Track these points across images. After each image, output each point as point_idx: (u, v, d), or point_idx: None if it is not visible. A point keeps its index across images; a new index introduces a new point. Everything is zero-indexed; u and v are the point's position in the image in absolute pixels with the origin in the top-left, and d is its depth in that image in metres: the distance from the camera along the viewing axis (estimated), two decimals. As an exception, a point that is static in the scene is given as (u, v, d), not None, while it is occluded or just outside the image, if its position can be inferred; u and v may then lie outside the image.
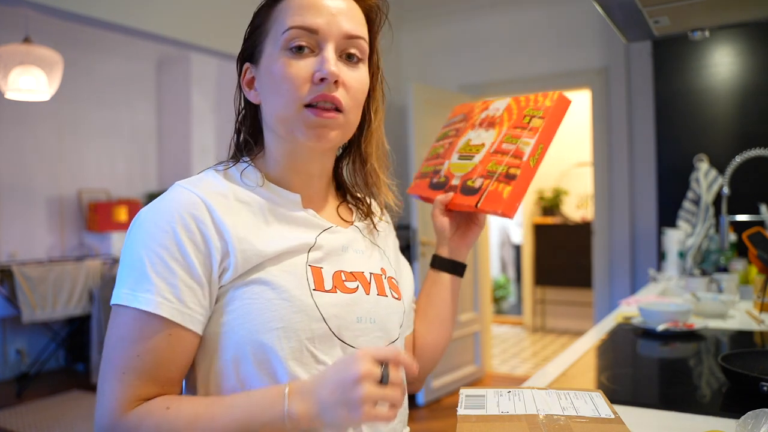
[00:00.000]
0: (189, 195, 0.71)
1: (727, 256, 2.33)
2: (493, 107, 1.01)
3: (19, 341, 4.39)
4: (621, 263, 3.65)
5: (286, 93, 0.72)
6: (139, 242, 0.68)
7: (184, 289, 0.67)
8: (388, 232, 0.94)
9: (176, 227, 0.68)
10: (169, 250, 0.67)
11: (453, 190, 0.96)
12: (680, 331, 1.47)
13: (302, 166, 0.80)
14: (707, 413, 0.90)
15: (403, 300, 0.86)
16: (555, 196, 5.62)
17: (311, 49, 0.73)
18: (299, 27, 0.72)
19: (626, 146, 3.60)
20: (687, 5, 1.38)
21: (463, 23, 4.15)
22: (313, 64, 0.72)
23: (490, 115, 1.01)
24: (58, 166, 4.70)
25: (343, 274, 0.77)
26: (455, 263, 0.96)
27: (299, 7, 0.73)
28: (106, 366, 0.67)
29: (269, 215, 0.75)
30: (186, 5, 2.89)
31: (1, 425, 3.35)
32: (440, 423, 3.34)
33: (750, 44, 2.86)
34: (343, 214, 0.86)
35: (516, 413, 0.71)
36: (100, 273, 4.24)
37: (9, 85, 3.20)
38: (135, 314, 0.66)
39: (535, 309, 5.78)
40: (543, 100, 0.92)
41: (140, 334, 0.66)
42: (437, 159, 1.07)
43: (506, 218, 0.85)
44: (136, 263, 0.68)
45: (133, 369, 0.66)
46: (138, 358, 0.66)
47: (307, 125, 0.73)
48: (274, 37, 0.74)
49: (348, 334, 0.75)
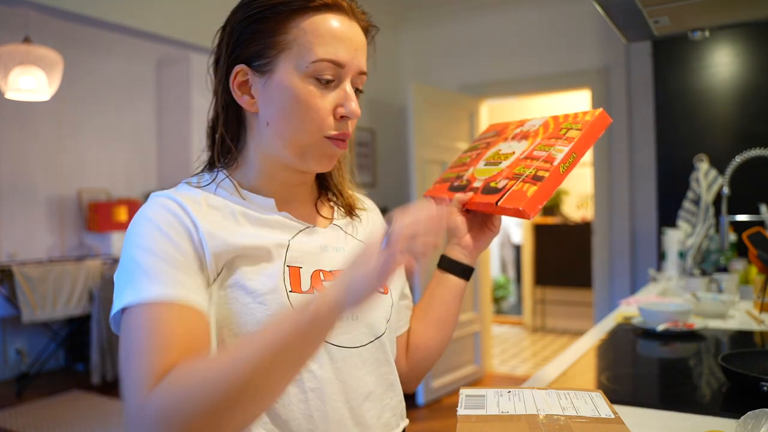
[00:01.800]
0: (164, 199, 0.72)
1: (727, 256, 2.33)
2: (529, 124, 1.00)
3: (19, 341, 4.39)
4: (621, 263, 3.65)
5: (310, 122, 0.73)
6: (128, 250, 0.69)
7: (185, 274, 0.67)
8: (372, 225, 0.93)
9: (164, 227, 0.69)
10: (163, 247, 0.68)
11: (474, 191, 0.93)
12: (680, 331, 1.47)
13: (286, 178, 0.80)
14: (707, 413, 0.90)
15: (390, 293, 0.85)
16: (555, 196, 5.63)
17: (333, 80, 0.74)
18: (332, 61, 0.73)
19: (626, 146, 3.60)
20: (687, 5, 1.38)
21: (463, 23, 4.15)
22: (336, 98, 0.74)
23: (524, 130, 0.99)
24: (58, 166, 4.70)
25: (322, 274, 0.77)
26: (463, 266, 0.94)
27: (330, 37, 0.73)
28: (128, 367, 0.63)
29: (241, 218, 0.75)
30: (186, 5, 2.89)
31: (1, 425, 3.35)
32: (440, 423, 3.34)
33: (750, 44, 2.86)
34: (323, 212, 0.86)
35: (516, 413, 0.71)
36: (100, 273, 4.24)
37: (9, 85, 3.20)
38: (145, 310, 0.64)
39: (535, 309, 5.78)
40: (583, 116, 0.90)
41: (154, 325, 0.63)
42: (462, 166, 1.05)
43: (524, 218, 0.82)
44: (129, 267, 0.68)
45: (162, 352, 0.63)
46: (158, 349, 0.62)
47: (324, 155, 0.76)
48: (296, 58, 0.72)
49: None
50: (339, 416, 0.74)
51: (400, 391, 0.85)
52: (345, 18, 0.75)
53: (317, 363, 0.73)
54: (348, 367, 0.76)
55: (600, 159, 3.70)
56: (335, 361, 0.75)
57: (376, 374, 0.80)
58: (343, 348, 0.76)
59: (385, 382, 0.81)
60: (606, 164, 3.68)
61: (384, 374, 0.81)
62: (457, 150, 3.90)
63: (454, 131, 3.91)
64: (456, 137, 3.92)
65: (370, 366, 0.79)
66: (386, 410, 0.80)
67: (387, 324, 0.83)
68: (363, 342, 0.78)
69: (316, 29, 0.72)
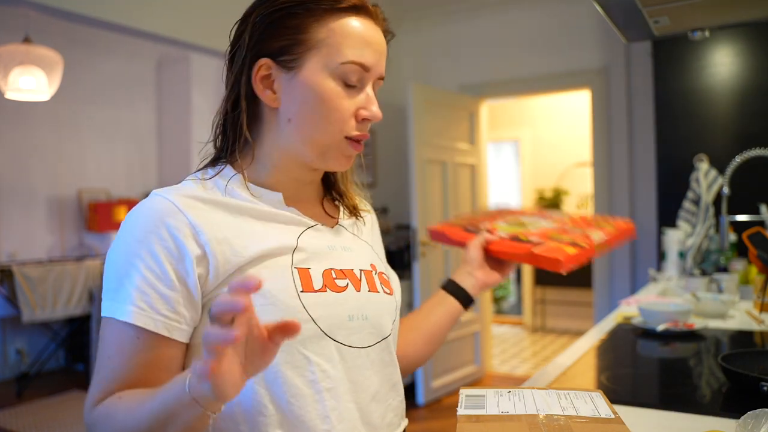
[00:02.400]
0: (162, 202, 0.70)
1: (727, 256, 2.33)
2: (548, 213, 1.10)
3: (19, 341, 4.39)
4: (621, 263, 3.65)
5: (334, 122, 0.74)
6: (116, 252, 0.70)
7: (157, 297, 0.67)
8: (374, 228, 0.95)
9: (149, 236, 0.69)
10: (144, 260, 0.68)
11: (499, 238, 1.00)
12: (680, 331, 1.47)
13: (298, 175, 0.80)
14: (707, 413, 0.90)
15: (394, 295, 0.86)
16: (555, 196, 5.63)
17: (358, 83, 0.75)
18: (360, 64, 0.74)
19: (626, 146, 3.60)
20: (687, 5, 1.38)
21: (463, 23, 4.15)
22: (359, 100, 0.75)
23: (544, 213, 1.10)
24: (58, 166, 4.70)
25: (334, 272, 0.77)
26: (467, 294, 0.98)
27: (360, 41, 0.74)
28: (95, 374, 0.70)
29: (249, 215, 0.74)
30: (186, 5, 2.89)
31: (1, 425, 3.36)
32: (440, 423, 3.34)
33: (750, 44, 2.86)
34: (329, 210, 0.86)
35: (516, 413, 0.71)
36: (100, 273, 4.24)
37: (9, 85, 3.20)
38: (115, 325, 0.68)
39: (535, 309, 5.78)
40: (613, 219, 0.98)
41: (121, 346, 0.68)
42: (472, 220, 1.12)
43: (556, 270, 0.88)
44: (114, 273, 0.70)
45: (115, 379, 0.68)
46: (121, 368, 0.68)
47: (344, 154, 0.77)
48: (325, 58, 0.73)
49: (341, 332, 0.75)
50: (351, 416, 0.74)
51: (401, 391, 0.85)
52: (371, 22, 0.76)
53: (330, 363, 0.73)
54: (357, 367, 0.76)
55: (600, 159, 3.70)
56: (345, 361, 0.75)
57: (382, 374, 0.80)
58: (353, 348, 0.76)
59: (389, 382, 0.81)
60: (606, 164, 3.68)
61: (389, 374, 0.81)
62: (457, 150, 3.90)
63: (454, 131, 3.91)
64: (456, 137, 3.92)
65: (377, 366, 0.79)
66: (390, 410, 0.81)
67: (393, 325, 0.83)
68: (371, 342, 0.78)
69: (346, 31, 0.73)
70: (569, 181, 5.66)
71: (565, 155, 5.58)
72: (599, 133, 3.70)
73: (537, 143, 5.81)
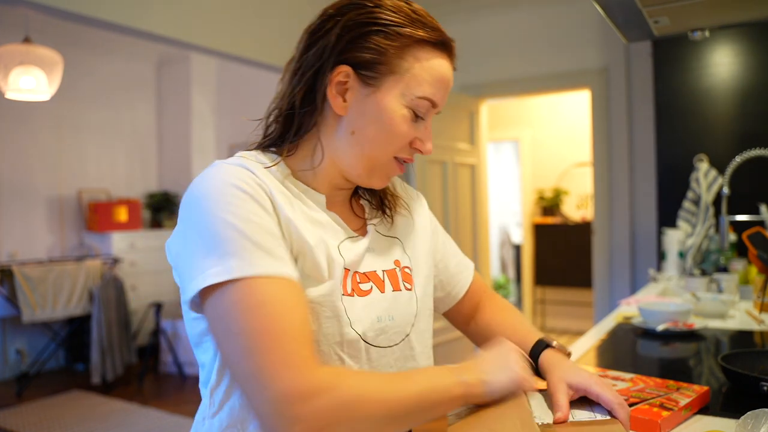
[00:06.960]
0: (239, 169, 0.70)
1: (727, 256, 2.33)
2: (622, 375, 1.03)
3: (19, 341, 4.39)
4: (621, 263, 3.65)
5: (393, 145, 0.77)
6: (211, 216, 0.64)
7: (276, 244, 0.66)
8: (414, 214, 0.92)
9: (248, 190, 0.67)
10: (252, 211, 0.66)
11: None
12: (680, 331, 1.47)
13: (338, 182, 0.81)
14: (707, 413, 0.90)
15: (414, 289, 0.85)
16: (555, 196, 5.62)
17: (424, 114, 0.78)
18: (431, 101, 0.77)
19: (626, 146, 3.59)
20: (687, 5, 1.38)
21: (463, 23, 4.15)
22: (419, 131, 0.78)
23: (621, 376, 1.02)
24: (58, 166, 4.70)
25: (358, 276, 0.78)
26: (537, 357, 0.93)
27: (439, 79, 0.77)
28: (259, 353, 0.59)
29: (300, 209, 0.75)
30: (186, 5, 2.89)
31: (1, 425, 3.35)
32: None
33: (750, 44, 2.86)
34: (357, 210, 0.87)
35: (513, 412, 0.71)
36: (100, 273, 4.24)
37: (9, 85, 3.20)
38: (259, 285, 0.62)
39: (535, 309, 5.78)
40: (688, 386, 0.94)
41: (278, 306, 0.62)
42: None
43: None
44: (219, 237, 0.63)
45: (302, 333, 0.62)
46: (293, 336, 0.61)
47: (387, 174, 0.80)
48: (404, 87, 0.75)
49: (371, 334, 0.76)
50: None
51: None
52: (448, 62, 0.79)
53: (359, 363, 0.74)
54: (381, 366, 0.78)
55: (600, 159, 3.70)
56: (371, 361, 0.76)
57: (402, 369, 0.81)
58: (379, 348, 0.77)
59: None
60: (606, 164, 3.68)
61: (408, 369, 0.83)
62: (457, 150, 3.90)
63: (454, 131, 3.91)
64: (456, 137, 3.92)
65: (399, 363, 0.81)
66: None
67: (414, 320, 0.83)
68: (396, 341, 0.80)
69: (430, 67, 0.76)
70: (569, 181, 5.66)
71: (565, 155, 5.58)
72: (599, 133, 3.70)
73: (537, 143, 5.80)
